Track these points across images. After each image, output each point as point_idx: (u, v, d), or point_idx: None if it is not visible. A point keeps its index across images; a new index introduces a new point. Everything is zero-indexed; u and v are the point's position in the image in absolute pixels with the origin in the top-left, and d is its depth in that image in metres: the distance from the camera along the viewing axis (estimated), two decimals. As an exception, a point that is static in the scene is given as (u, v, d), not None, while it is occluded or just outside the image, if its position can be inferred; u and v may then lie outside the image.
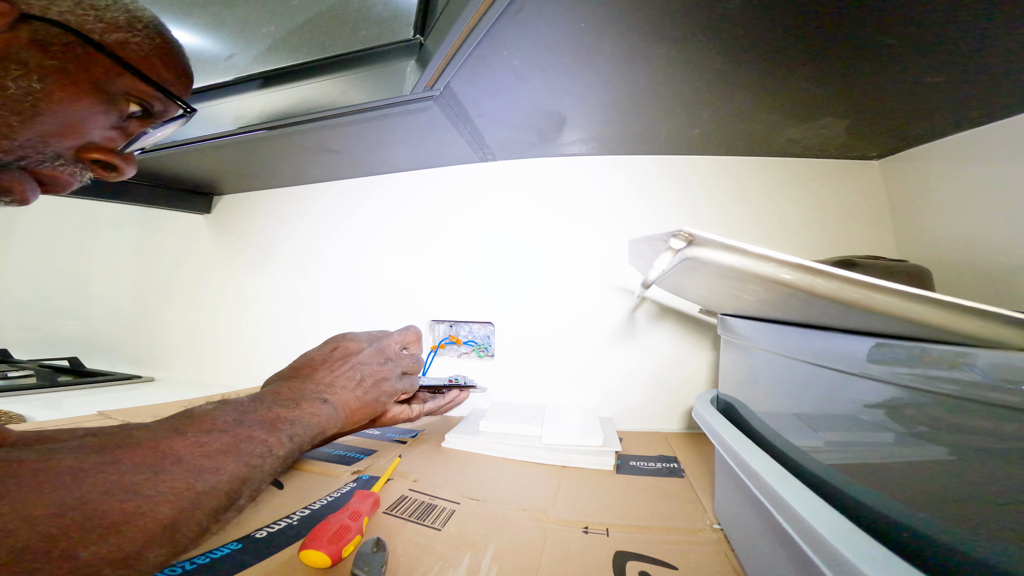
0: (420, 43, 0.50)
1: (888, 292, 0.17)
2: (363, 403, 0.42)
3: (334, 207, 0.90)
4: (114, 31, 0.33)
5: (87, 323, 1.18)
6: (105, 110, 0.34)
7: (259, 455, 0.29)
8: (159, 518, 0.22)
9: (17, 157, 0.31)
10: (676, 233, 0.25)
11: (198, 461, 0.25)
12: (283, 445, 0.32)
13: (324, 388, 0.40)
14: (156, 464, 0.24)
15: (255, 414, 0.32)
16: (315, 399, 0.38)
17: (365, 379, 0.43)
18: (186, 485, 0.24)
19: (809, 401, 0.28)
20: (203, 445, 0.27)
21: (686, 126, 0.60)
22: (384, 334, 0.49)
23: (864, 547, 0.17)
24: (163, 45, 0.36)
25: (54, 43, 0.30)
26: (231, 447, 0.28)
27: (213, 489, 0.25)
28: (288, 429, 0.33)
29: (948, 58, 0.40)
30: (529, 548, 0.34)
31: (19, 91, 0.29)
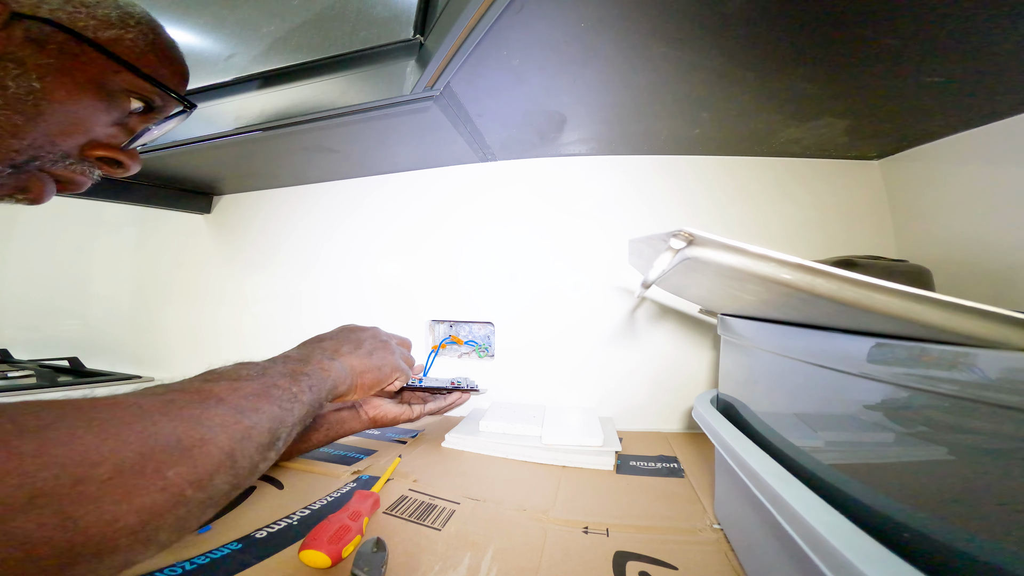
0: (420, 43, 0.50)
1: (888, 292, 0.17)
2: (367, 366, 0.45)
3: (334, 207, 0.89)
4: (107, 28, 0.33)
5: (87, 323, 1.18)
6: (106, 107, 0.34)
7: (288, 399, 0.32)
8: (221, 446, 0.24)
9: (30, 157, 0.32)
10: (676, 233, 0.25)
11: (238, 401, 0.28)
12: (304, 392, 0.34)
13: (330, 351, 0.43)
14: (204, 403, 0.26)
15: (274, 368, 0.35)
16: (323, 357, 0.40)
17: (366, 345, 0.47)
18: (235, 419, 0.26)
19: (809, 401, 0.28)
20: (237, 390, 0.29)
21: (686, 126, 0.60)
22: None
23: (864, 547, 0.17)
24: (157, 41, 0.36)
25: (49, 41, 0.30)
26: (262, 391, 0.30)
27: (257, 424, 0.28)
28: (306, 380, 0.35)
29: (948, 58, 0.40)
30: (529, 548, 0.34)
31: (20, 90, 0.29)
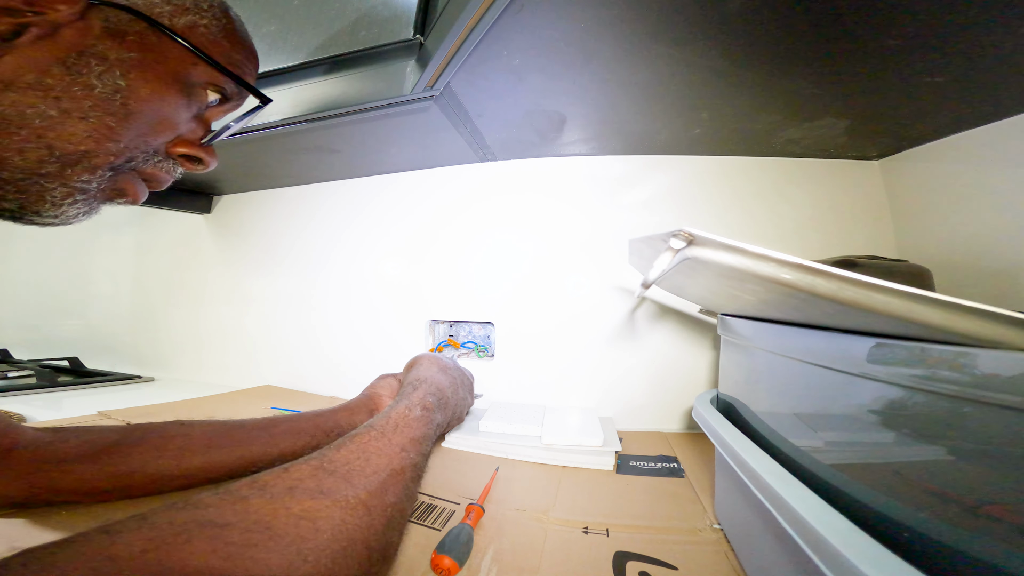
0: (420, 43, 0.50)
1: (888, 292, 0.17)
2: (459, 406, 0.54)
3: (334, 207, 0.90)
4: (182, 14, 0.31)
5: (87, 323, 1.18)
6: (187, 102, 0.33)
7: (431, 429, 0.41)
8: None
9: (127, 159, 0.31)
10: (676, 233, 0.25)
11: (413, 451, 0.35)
12: (435, 426, 0.42)
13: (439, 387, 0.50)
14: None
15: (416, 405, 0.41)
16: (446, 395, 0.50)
17: (459, 385, 0.56)
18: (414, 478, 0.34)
19: (809, 401, 0.28)
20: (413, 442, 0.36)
21: (686, 126, 0.60)
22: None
23: (864, 547, 0.17)
24: (229, 25, 0.35)
25: (127, 32, 0.29)
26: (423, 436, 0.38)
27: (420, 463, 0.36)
28: (439, 414, 0.45)
29: (948, 58, 0.40)
30: (529, 548, 0.34)
31: (106, 89, 0.28)
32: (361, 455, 0.30)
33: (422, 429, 0.37)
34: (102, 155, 0.29)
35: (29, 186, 0.28)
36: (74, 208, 0.30)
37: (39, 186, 0.28)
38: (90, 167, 0.29)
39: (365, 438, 0.32)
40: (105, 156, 0.29)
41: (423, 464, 0.35)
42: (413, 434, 0.35)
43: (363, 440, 0.32)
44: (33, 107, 0.26)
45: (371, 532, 0.25)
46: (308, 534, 0.22)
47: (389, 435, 0.33)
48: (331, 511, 0.24)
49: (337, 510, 0.24)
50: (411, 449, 0.34)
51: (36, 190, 0.28)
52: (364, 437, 0.32)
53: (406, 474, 0.31)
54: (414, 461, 0.33)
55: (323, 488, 0.25)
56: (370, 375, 0.61)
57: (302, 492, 0.24)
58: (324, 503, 0.24)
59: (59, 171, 0.28)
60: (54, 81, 0.26)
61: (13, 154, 0.26)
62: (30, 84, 0.26)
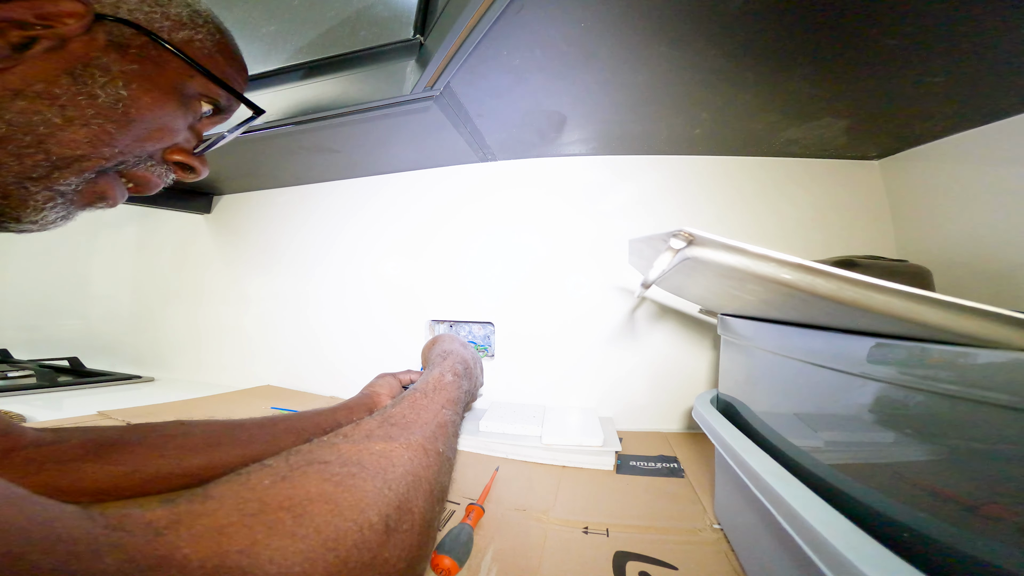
0: (420, 43, 0.50)
1: (888, 292, 0.17)
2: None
3: (334, 207, 0.89)
4: (179, 28, 0.33)
5: (87, 323, 1.18)
6: (184, 112, 0.34)
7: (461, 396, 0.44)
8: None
9: (118, 162, 0.32)
10: (676, 233, 0.25)
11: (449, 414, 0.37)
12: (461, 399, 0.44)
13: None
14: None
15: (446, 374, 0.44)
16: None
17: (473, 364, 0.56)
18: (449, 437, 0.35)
19: (809, 401, 0.28)
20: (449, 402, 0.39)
21: (686, 126, 0.60)
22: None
23: (864, 547, 0.17)
24: (222, 40, 0.36)
25: (130, 45, 0.30)
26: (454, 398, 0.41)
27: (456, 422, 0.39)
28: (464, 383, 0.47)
29: (948, 59, 0.40)
30: (529, 548, 0.34)
31: (109, 98, 0.29)
32: (412, 410, 0.34)
33: (455, 392, 0.41)
34: (95, 158, 0.30)
35: (15, 190, 0.28)
36: (53, 212, 0.31)
37: (24, 190, 0.29)
38: (79, 169, 0.30)
39: (413, 397, 0.36)
40: (97, 159, 0.30)
41: (459, 422, 0.40)
42: (449, 395, 0.39)
43: (412, 399, 0.36)
44: (39, 114, 0.27)
45: (430, 471, 0.28)
46: (387, 467, 0.26)
47: (431, 395, 0.37)
48: (400, 451, 0.28)
49: (404, 450, 0.28)
50: (449, 408, 0.37)
51: (20, 194, 0.29)
52: (412, 396, 0.36)
53: (448, 428, 0.35)
54: (452, 418, 0.37)
55: (391, 435, 0.29)
56: (369, 375, 0.61)
57: (377, 438, 0.28)
58: (394, 445, 0.28)
59: (47, 174, 0.29)
60: (61, 90, 0.28)
61: (11, 159, 0.27)
62: (38, 93, 0.27)
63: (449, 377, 0.42)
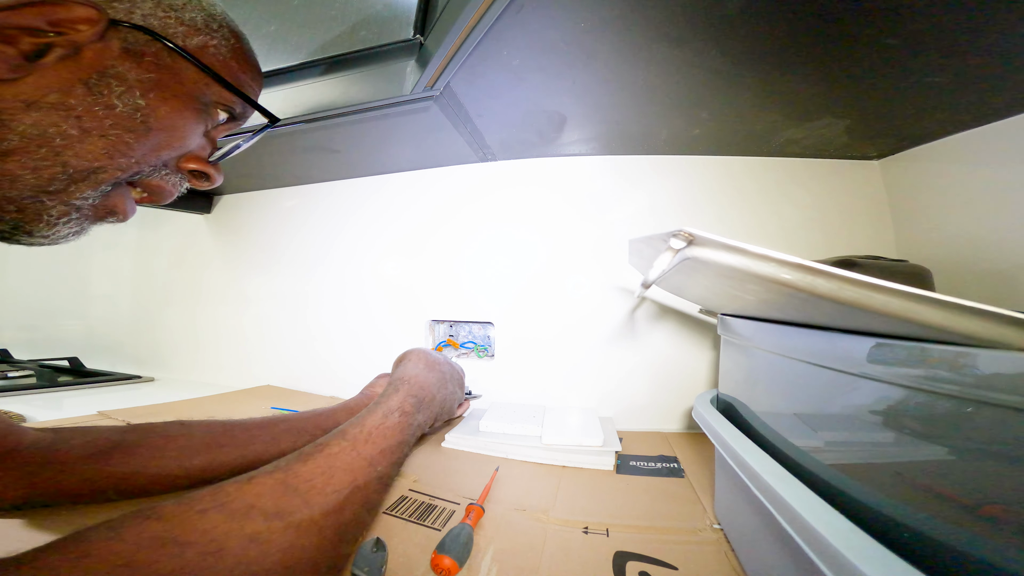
0: (420, 43, 0.50)
1: (888, 292, 0.17)
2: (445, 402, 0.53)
3: (334, 207, 0.89)
4: (194, 34, 0.32)
5: (87, 323, 1.18)
6: (201, 120, 0.34)
7: (410, 432, 0.41)
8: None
9: (134, 172, 0.31)
10: (676, 233, 0.25)
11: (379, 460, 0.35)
12: (415, 427, 0.43)
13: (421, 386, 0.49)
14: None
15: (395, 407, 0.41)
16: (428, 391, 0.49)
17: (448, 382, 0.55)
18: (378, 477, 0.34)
19: (809, 401, 0.28)
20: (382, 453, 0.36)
21: (686, 126, 0.60)
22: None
23: (864, 547, 0.17)
24: (237, 45, 0.35)
25: (145, 53, 0.29)
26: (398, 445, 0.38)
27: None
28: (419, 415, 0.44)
29: (948, 58, 0.40)
30: (529, 548, 0.34)
31: (127, 108, 0.28)
32: (326, 471, 0.30)
33: (398, 436, 0.37)
34: (112, 170, 0.29)
35: (30, 204, 0.28)
36: (67, 227, 0.30)
37: (40, 204, 0.28)
38: (96, 182, 0.29)
39: (335, 449, 0.32)
40: (115, 171, 0.30)
41: (394, 473, 0.36)
42: (387, 444, 0.35)
43: (332, 452, 0.31)
44: (55, 126, 0.26)
45: (320, 552, 0.26)
46: (257, 557, 0.23)
47: (360, 447, 0.33)
48: (283, 536, 0.25)
49: (289, 534, 0.25)
50: (381, 461, 0.34)
51: (35, 208, 0.28)
52: (334, 448, 0.32)
53: (371, 487, 0.32)
54: (382, 473, 0.33)
55: (280, 509, 0.26)
56: (369, 375, 0.61)
57: (258, 513, 0.25)
58: (277, 526, 0.25)
59: (64, 187, 0.28)
60: (76, 101, 0.27)
61: (28, 172, 0.26)
62: (53, 104, 0.26)
63: (395, 418, 0.38)
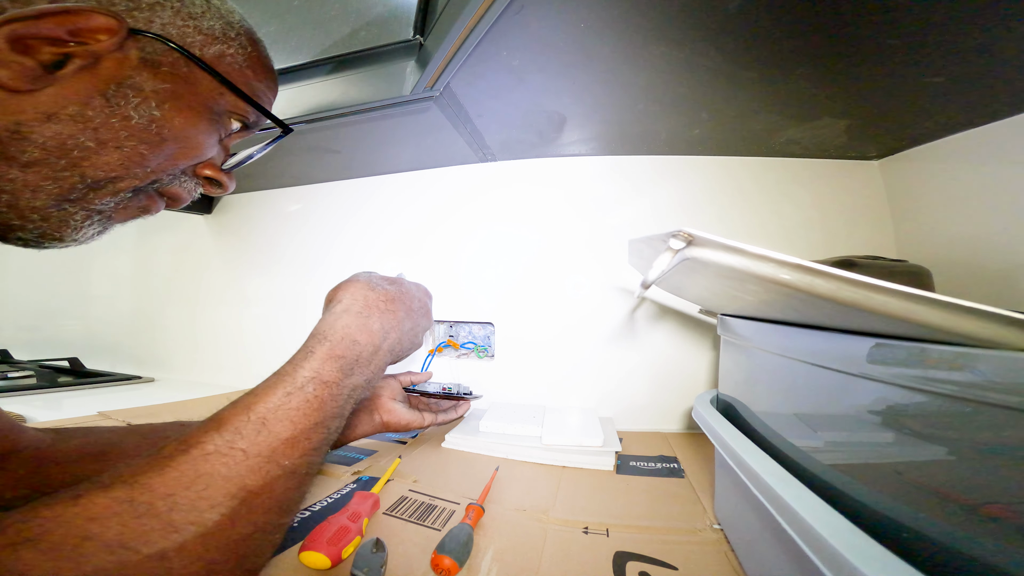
0: (420, 43, 0.50)
1: (887, 292, 0.17)
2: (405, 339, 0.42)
3: (334, 207, 0.89)
4: (212, 43, 0.32)
5: (87, 323, 1.18)
6: (215, 129, 0.34)
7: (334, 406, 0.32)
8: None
9: (152, 181, 0.31)
10: (675, 233, 0.24)
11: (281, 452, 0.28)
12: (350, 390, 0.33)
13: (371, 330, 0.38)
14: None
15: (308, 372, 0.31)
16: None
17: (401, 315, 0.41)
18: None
19: (809, 401, 0.28)
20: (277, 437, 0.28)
21: (686, 126, 0.60)
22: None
23: (864, 547, 0.17)
24: (254, 53, 0.35)
25: (162, 63, 0.29)
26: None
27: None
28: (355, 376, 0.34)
29: (948, 58, 0.40)
30: (529, 548, 0.34)
31: (143, 119, 0.28)
32: (194, 482, 0.22)
33: (315, 416, 0.28)
34: (128, 179, 0.29)
35: (55, 212, 0.28)
36: (91, 229, 0.30)
37: (63, 211, 0.28)
38: (114, 191, 0.29)
39: (207, 448, 0.23)
40: (131, 180, 0.30)
41: (318, 459, 0.28)
42: (291, 431, 0.26)
43: (202, 453, 0.23)
44: (73, 139, 0.26)
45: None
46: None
47: (247, 441, 0.25)
48: (140, 572, 0.19)
49: (151, 569, 0.19)
50: (284, 455, 0.26)
51: (60, 216, 0.28)
52: (206, 446, 0.24)
53: (276, 489, 0.25)
54: (292, 467, 0.26)
55: (127, 538, 0.19)
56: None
57: (97, 546, 0.18)
58: (130, 560, 0.19)
59: (83, 196, 0.28)
60: (94, 113, 0.27)
61: (49, 183, 0.27)
62: (72, 116, 0.26)
63: (307, 392, 0.28)
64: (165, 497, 0.21)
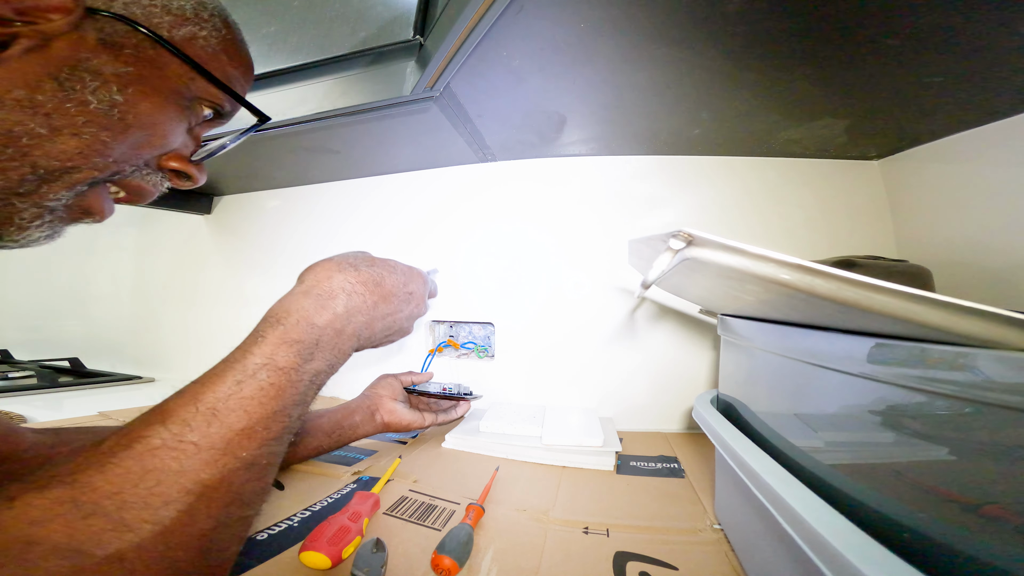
0: (420, 43, 0.50)
1: (887, 292, 0.17)
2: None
3: (334, 208, 0.90)
4: (182, 24, 0.29)
5: (87, 323, 1.18)
6: (184, 117, 0.31)
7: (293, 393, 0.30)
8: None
9: (112, 172, 0.29)
10: (675, 233, 0.24)
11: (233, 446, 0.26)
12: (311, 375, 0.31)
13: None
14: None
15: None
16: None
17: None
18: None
19: (809, 401, 0.28)
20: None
21: (686, 126, 0.60)
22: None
23: (864, 547, 0.17)
24: (228, 36, 0.33)
25: (124, 45, 0.27)
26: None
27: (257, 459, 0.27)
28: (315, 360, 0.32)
29: (948, 58, 0.40)
30: (529, 548, 0.34)
31: (102, 104, 0.26)
32: (143, 478, 0.21)
33: (270, 405, 0.26)
34: (87, 170, 0.27)
35: (0, 208, 0.26)
36: (39, 231, 0.28)
37: (10, 207, 0.26)
38: (70, 182, 0.27)
39: (153, 443, 0.22)
40: (90, 171, 0.27)
41: (278, 448, 0.27)
42: (246, 421, 0.25)
43: (148, 448, 0.22)
44: (21, 125, 0.24)
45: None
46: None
47: (195, 436, 0.23)
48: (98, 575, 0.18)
49: (111, 570, 0.18)
50: (240, 447, 0.24)
51: (6, 212, 0.26)
52: (152, 440, 0.22)
53: (234, 482, 0.24)
54: (250, 458, 0.25)
55: (78, 541, 0.18)
56: (369, 376, 0.61)
57: (46, 551, 0.18)
58: (85, 564, 0.18)
59: (35, 189, 0.26)
60: (45, 97, 0.24)
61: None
62: (19, 101, 0.24)
63: (260, 379, 0.26)
64: (111, 496, 0.20)
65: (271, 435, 0.26)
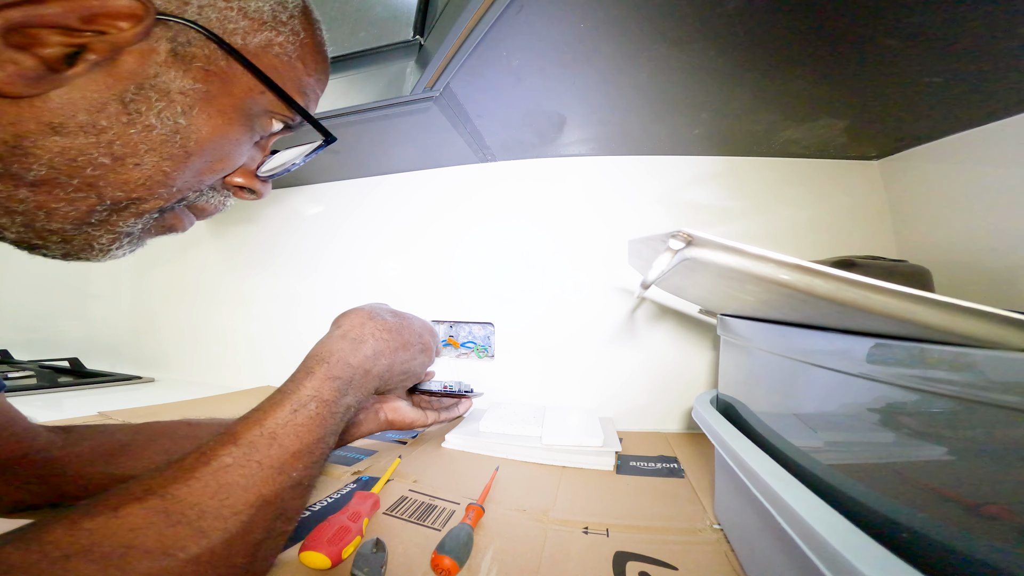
0: (420, 44, 0.51)
1: (887, 292, 0.17)
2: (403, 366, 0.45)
3: (334, 208, 0.90)
4: (259, 29, 0.26)
5: (87, 323, 1.18)
6: (250, 135, 0.29)
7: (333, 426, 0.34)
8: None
9: (178, 200, 0.28)
10: (675, 234, 0.25)
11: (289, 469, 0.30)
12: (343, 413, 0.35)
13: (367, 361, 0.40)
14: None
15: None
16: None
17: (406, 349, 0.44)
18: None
19: (809, 401, 0.28)
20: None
21: (686, 126, 0.60)
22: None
23: (864, 547, 0.17)
24: (307, 40, 0.30)
25: (196, 57, 0.24)
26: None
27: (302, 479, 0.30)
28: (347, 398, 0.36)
29: (947, 58, 0.40)
30: (529, 548, 0.34)
31: (165, 130, 0.24)
32: (217, 492, 0.24)
33: (317, 432, 0.30)
34: (153, 200, 0.26)
35: (75, 235, 0.25)
36: (120, 250, 0.28)
37: (86, 235, 0.25)
38: (138, 212, 0.26)
39: (226, 461, 0.25)
40: (156, 201, 0.26)
41: (317, 472, 0.30)
42: (298, 445, 0.28)
43: (221, 466, 0.25)
44: (84, 154, 0.22)
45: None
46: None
47: (261, 454, 0.26)
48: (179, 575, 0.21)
49: (187, 571, 0.21)
50: (292, 467, 0.27)
51: (83, 239, 0.25)
52: (224, 459, 0.25)
53: (284, 497, 0.27)
54: (298, 478, 0.28)
55: (166, 545, 0.21)
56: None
57: (140, 554, 0.20)
58: (170, 565, 0.21)
59: (107, 219, 0.25)
60: (108, 122, 0.22)
61: (62, 204, 0.23)
62: (82, 126, 0.22)
63: (310, 410, 0.30)
64: (193, 506, 0.23)
65: (314, 458, 0.30)
